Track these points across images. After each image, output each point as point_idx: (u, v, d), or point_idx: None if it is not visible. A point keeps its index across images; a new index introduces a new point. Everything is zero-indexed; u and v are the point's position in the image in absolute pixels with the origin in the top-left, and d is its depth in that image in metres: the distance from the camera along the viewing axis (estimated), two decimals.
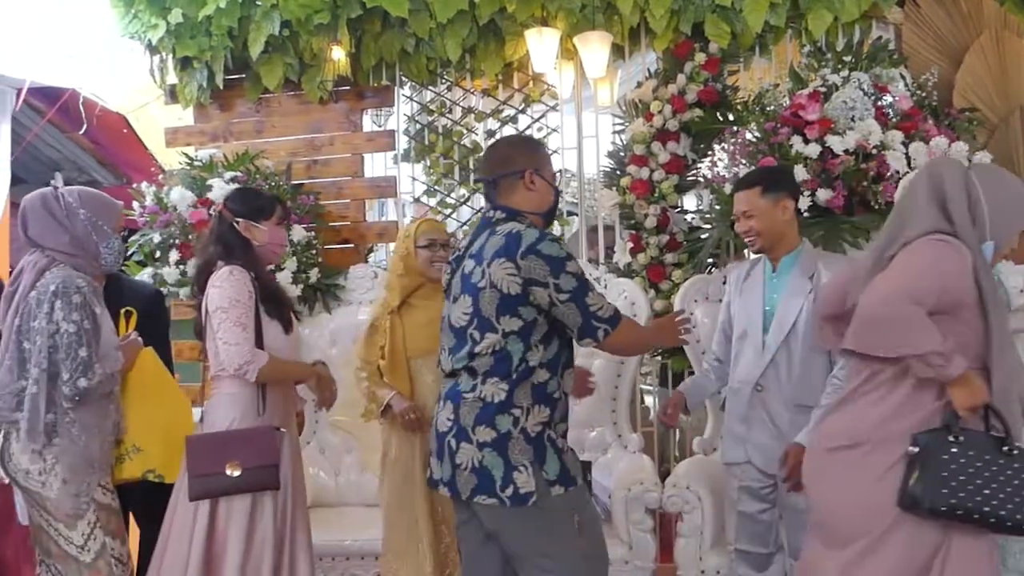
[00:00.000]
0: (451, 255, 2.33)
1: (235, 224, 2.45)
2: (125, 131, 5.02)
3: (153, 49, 4.35)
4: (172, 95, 4.49)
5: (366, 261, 4.23)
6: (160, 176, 4.16)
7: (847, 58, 3.56)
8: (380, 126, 4.77)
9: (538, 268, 2.01)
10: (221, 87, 4.29)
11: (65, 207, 2.33)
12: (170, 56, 4.33)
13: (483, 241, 2.12)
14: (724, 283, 3.01)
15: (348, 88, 4.31)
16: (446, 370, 2.20)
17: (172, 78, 4.42)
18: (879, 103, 3.42)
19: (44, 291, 2.24)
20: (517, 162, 2.18)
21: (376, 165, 4.58)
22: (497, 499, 2.03)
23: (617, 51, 4.03)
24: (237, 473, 2.26)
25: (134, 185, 4.19)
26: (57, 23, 4.55)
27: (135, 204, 4.00)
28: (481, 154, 4.26)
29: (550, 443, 2.09)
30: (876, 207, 3.34)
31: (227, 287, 2.36)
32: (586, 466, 3.07)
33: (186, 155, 4.21)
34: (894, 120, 3.38)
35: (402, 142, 4.34)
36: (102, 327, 2.30)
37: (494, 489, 2.03)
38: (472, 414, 2.07)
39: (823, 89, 3.46)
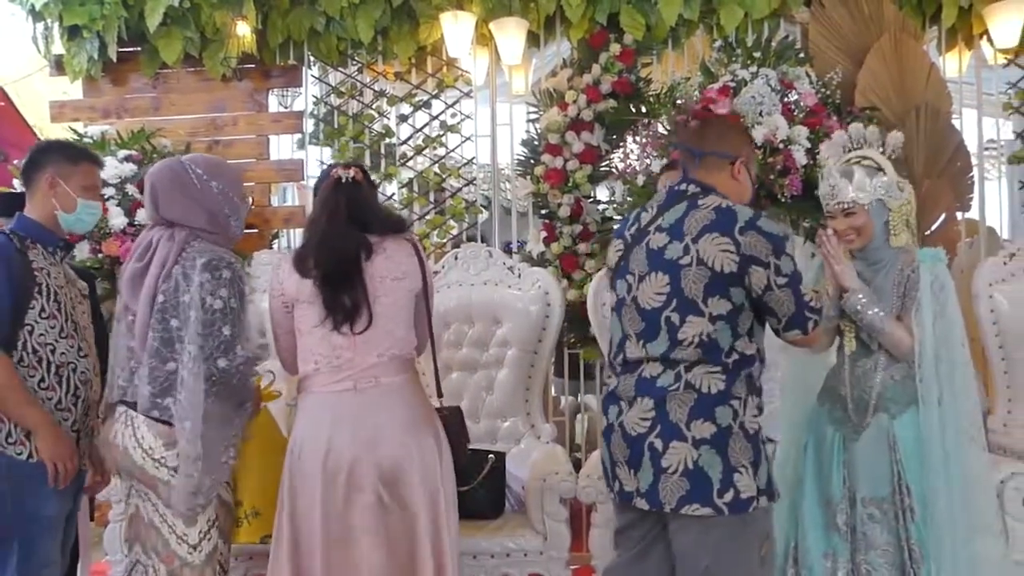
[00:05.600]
0: (623, 228, 2.09)
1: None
2: (3, 104, 4.68)
3: (37, 15, 4.07)
4: (58, 66, 4.21)
5: (271, 247, 4.08)
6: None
7: (756, 54, 3.65)
8: (287, 107, 4.60)
9: (760, 246, 1.83)
10: (114, 60, 4.05)
11: (198, 181, 2.11)
12: (56, 24, 4.06)
13: (680, 214, 1.92)
14: None
15: (253, 66, 4.15)
16: (630, 358, 1.96)
17: (58, 48, 4.14)
18: (785, 99, 3.52)
19: (191, 265, 2.04)
20: (734, 145, 2.01)
21: (282, 148, 4.43)
22: (712, 508, 1.80)
23: (532, 39, 4.01)
24: None
25: (14, 162, 3.90)
26: None
27: (16, 183, 3.73)
28: (392, 140, 4.17)
29: (763, 445, 1.89)
30: (782, 200, 3.44)
31: None
32: (500, 457, 3.06)
33: (74, 131, 3.98)
34: (799, 116, 3.49)
35: (309, 124, 4.20)
36: (247, 308, 2.10)
37: (710, 496, 1.80)
38: (684, 408, 1.84)
39: (732, 84, 3.53)
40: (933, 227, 3.57)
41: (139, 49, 4.09)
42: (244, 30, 3.95)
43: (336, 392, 2.08)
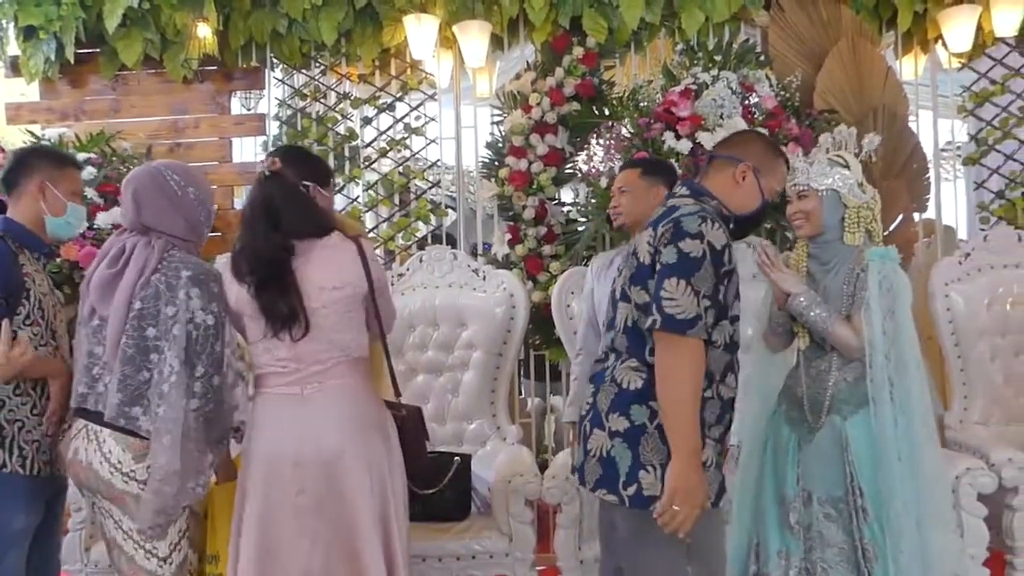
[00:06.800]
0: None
1: (304, 188, 2.10)
2: None
3: None
4: (14, 68, 4.14)
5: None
6: (0, 156, 3.82)
7: (717, 57, 3.69)
8: (249, 109, 4.56)
9: (663, 236, 1.84)
10: (72, 61, 3.98)
11: (177, 188, 2.09)
12: (11, 24, 3.99)
13: (655, 216, 1.98)
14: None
15: (215, 68, 4.11)
16: (604, 348, 2.05)
17: (14, 49, 4.08)
18: (746, 102, 3.56)
19: (175, 275, 2.00)
20: (745, 151, 2.02)
21: (245, 150, 4.39)
22: (617, 496, 1.88)
23: (496, 42, 4.02)
24: None
25: None
26: None
27: None
28: (356, 143, 4.17)
29: None
30: None
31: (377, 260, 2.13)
32: (465, 459, 3.06)
33: (32, 133, 3.90)
34: (759, 119, 3.53)
35: (273, 127, 4.17)
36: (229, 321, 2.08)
37: (616, 485, 1.88)
38: (607, 399, 1.93)
39: (694, 87, 3.56)
40: (891, 228, 3.63)
41: (98, 51, 4.03)
42: (205, 32, 3.91)
43: (283, 395, 2.05)
